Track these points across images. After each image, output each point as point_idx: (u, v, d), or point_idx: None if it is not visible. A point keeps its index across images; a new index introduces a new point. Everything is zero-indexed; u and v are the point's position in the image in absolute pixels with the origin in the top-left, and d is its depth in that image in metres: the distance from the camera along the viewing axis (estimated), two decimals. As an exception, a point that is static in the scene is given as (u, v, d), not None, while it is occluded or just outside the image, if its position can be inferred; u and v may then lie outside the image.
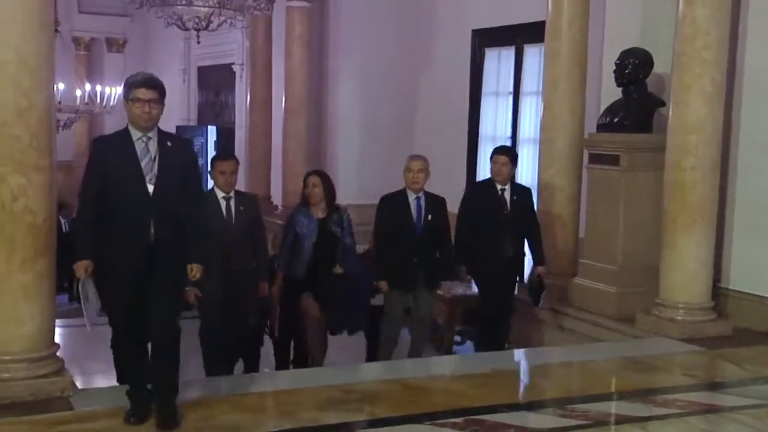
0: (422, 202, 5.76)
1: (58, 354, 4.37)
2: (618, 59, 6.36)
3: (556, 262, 6.68)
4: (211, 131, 14.31)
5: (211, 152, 13.79)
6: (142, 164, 3.77)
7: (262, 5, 8.16)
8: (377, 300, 5.87)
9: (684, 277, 5.71)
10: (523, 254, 6.19)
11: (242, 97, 12.94)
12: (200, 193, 4.12)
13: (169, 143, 3.85)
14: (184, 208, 3.84)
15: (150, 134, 3.81)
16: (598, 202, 6.43)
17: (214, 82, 14.23)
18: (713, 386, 4.91)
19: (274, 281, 5.60)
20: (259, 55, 10.99)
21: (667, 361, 5.20)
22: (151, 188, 3.76)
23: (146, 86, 3.76)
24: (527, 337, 6.47)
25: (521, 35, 8.73)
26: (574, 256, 6.75)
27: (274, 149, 11.08)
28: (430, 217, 5.74)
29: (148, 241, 3.75)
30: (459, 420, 4.02)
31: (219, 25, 7.83)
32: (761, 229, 5.99)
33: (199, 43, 8.20)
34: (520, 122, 9.00)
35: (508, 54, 9.16)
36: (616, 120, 6.37)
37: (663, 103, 6.16)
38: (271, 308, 5.75)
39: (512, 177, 6.21)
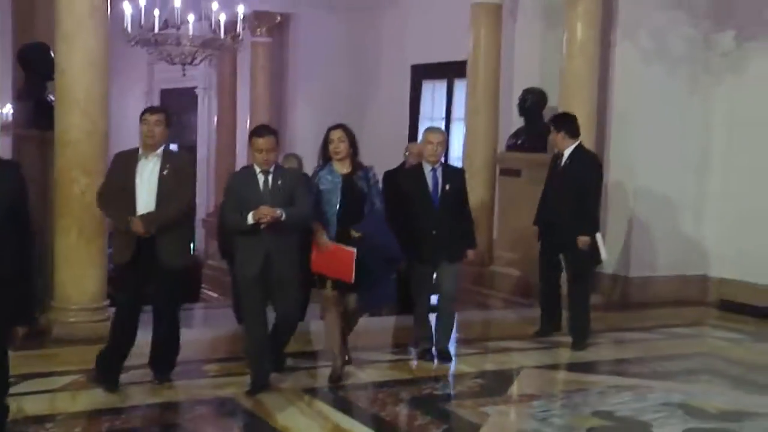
0: (438, 174, 5.83)
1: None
2: (520, 95, 8.63)
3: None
4: (174, 149, 16.24)
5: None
6: None
7: (236, 44, 10.18)
8: None
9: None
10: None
11: (204, 119, 14.93)
12: (29, 234, 3.23)
13: None
14: (9, 252, 3.11)
15: None
16: (506, 206, 8.68)
17: (177, 104, 16.11)
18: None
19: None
20: (225, 84, 13.05)
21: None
22: None
23: None
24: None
25: (452, 71, 10.96)
26: (488, 249, 8.98)
27: (238, 166, 13.10)
28: (447, 187, 5.83)
29: None
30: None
31: (201, 60, 9.84)
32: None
33: (184, 75, 10.19)
34: (452, 143, 11.22)
35: (442, 86, 11.42)
36: (519, 142, 8.64)
37: (552, 130, 8.40)
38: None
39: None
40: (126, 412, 4.76)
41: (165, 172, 4.96)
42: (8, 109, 7.04)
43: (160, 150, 5.02)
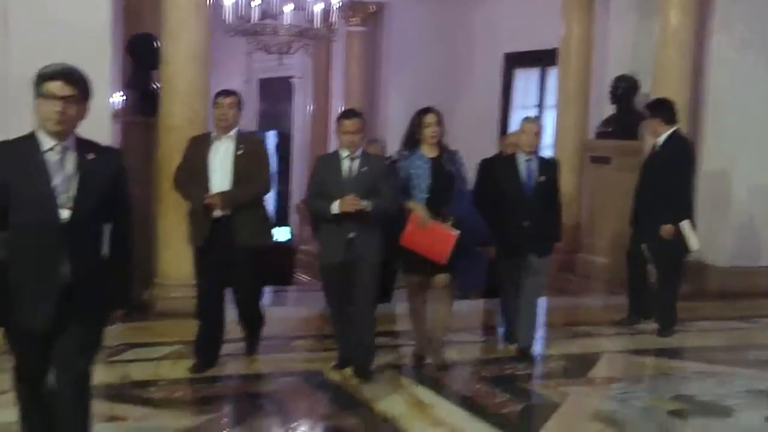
0: (533, 164, 5.73)
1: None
2: (612, 82, 8.63)
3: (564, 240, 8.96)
4: (271, 136, 16.76)
5: (271, 154, 16.15)
6: (55, 182, 3.01)
7: (331, 34, 10.49)
8: None
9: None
10: None
11: (300, 107, 15.33)
12: (129, 220, 3.33)
13: (91, 155, 3.11)
14: (112, 237, 3.20)
15: (66, 143, 3.06)
16: (594, 193, 8.71)
17: (274, 93, 16.61)
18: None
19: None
20: (320, 73, 13.41)
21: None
22: (65, 214, 3.02)
23: (63, 79, 3.01)
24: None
25: (545, 59, 10.98)
26: (577, 236, 9.02)
27: (332, 152, 13.45)
28: (542, 178, 5.72)
29: (60, 283, 3.02)
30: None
31: (297, 50, 10.18)
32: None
33: (281, 64, 10.56)
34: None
35: (534, 74, 11.45)
36: (610, 130, 8.64)
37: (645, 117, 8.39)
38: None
39: None
40: (221, 381, 5.10)
41: (239, 153, 5.06)
42: (118, 98, 7.49)
43: (233, 132, 5.11)
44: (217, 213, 5.04)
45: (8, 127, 4.92)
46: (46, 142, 3.04)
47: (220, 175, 5.06)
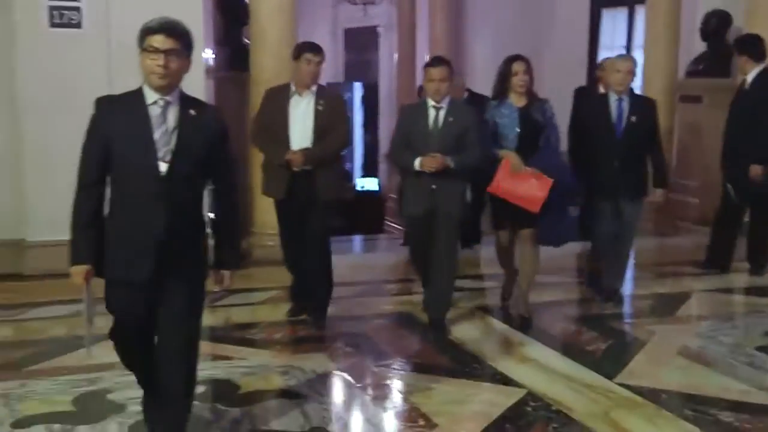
0: (624, 104, 5.53)
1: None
2: (703, 18, 8.43)
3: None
4: (357, 87, 16.91)
5: (358, 105, 16.33)
6: (156, 135, 3.06)
7: (416, -18, 10.54)
8: None
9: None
10: None
11: (385, 57, 15.40)
12: (232, 178, 3.32)
13: (192, 111, 3.13)
14: (213, 196, 3.26)
15: (169, 97, 3.09)
16: (685, 133, 8.57)
17: (360, 43, 16.70)
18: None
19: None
20: (405, 21, 13.44)
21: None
22: (164, 168, 3.05)
23: (165, 33, 3.03)
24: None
25: (634, -3, 10.74)
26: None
27: (419, 101, 13.52)
28: (633, 118, 5.53)
29: (157, 236, 3.05)
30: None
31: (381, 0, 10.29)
32: None
33: (366, 14, 10.67)
34: (632, 72, 11.05)
35: (622, 14, 11.22)
36: (701, 67, 8.47)
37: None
38: None
39: None
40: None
41: (320, 109, 5.01)
42: (210, 54, 7.78)
43: (314, 87, 5.06)
44: (298, 167, 5.07)
45: (113, 87, 5.21)
46: (150, 95, 3.08)
47: (301, 130, 5.03)
